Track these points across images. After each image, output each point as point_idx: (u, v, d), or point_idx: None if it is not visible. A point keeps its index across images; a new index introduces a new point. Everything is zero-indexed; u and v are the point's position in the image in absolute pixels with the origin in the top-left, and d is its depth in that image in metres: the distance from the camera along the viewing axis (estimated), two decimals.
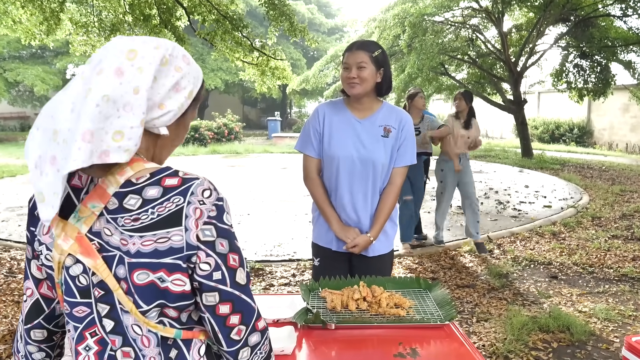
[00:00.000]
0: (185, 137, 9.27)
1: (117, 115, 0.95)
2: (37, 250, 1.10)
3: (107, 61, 0.97)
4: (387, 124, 2.42)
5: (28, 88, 26.92)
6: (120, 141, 0.95)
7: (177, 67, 1.06)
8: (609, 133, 21.23)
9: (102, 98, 0.93)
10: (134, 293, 1.00)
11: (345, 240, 2.42)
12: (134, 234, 0.98)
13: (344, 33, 37.47)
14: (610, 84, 12.72)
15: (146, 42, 1.02)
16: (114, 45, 1.01)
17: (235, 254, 1.05)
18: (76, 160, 0.91)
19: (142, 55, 0.99)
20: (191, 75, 1.10)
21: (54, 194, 0.93)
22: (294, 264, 5.48)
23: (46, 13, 7.81)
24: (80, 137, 0.91)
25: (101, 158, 0.93)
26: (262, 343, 1.12)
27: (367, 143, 2.40)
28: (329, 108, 2.47)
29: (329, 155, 2.42)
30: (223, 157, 17.39)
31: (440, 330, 1.89)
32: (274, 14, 8.10)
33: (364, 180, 2.41)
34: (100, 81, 0.95)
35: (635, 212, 7.85)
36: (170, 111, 1.05)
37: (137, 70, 0.98)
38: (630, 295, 4.51)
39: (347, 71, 2.35)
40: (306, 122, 2.53)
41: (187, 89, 1.08)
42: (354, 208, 2.44)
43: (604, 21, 12.10)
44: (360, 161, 2.39)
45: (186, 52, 1.11)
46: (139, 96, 0.97)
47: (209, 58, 26.60)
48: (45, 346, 1.21)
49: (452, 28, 13.55)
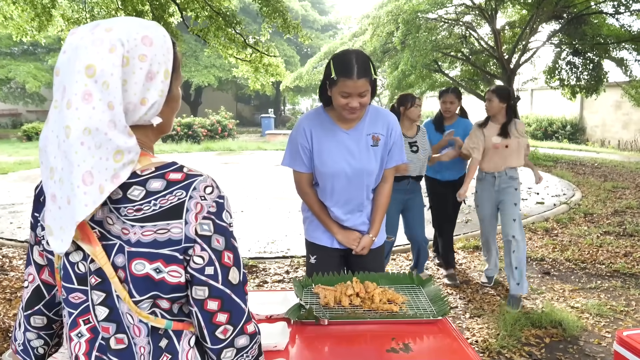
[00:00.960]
0: (179, 135, 9.19)
1: (107, 138, 0.94)
2: (40, 235, 1.13)
3: (71, 88, 0.93)
4: (374, 132, 2.36)
5: (20, 85, 26.70)
6: (122, 159, 0.96)
7: (140, 57, 1.00)
8: (602, 130, 21.33)
9: (84, 132, 0.92)
10: (129, 282, 1.01)
11: (352, 247, 2.47)
12: (136, 223, 1.00)
13: (338, 30, 37.44)
14: (602, 81, 12.78)
15: (95, 43, 0.95)
16: (70, 59, 0.95)
17: (230, 252, 1.06)
18: (87, 204, 0.92)
19: (102, 69, 0.94)
20: (159, 54, 1.03)
21: (60, 228, 0.95)
22: (288, 261, 5.48)
23: (38, 9, 7.75)
24: (82, 181, 0.92)
25: (114, 182, 0.95)
26: (250, 347, 1.11)
27: (357, 155, 2.35)
28: (313, 122, 2.38)
29: (321, 172, 2.38)
30: (216, 155, 17.35)
31: (433, 325, 1.89)
32: (267, 10, 8.08)
33: (359, 190, 2.41)
34: (72, 116, 0.92)
35: (627, 209, 7.90)
36: (153, 103, 1.03)
37: (102, 86, 0.94)
38: (622, 291, 4.53)
39: (346, 99, 2.16)
40: (291, 137, 2.43)
41: (160, 71, 1.03)
42: (351, 216, 2.46)
43: (597, 18, 12.15)
44: (354, 173, 2.36)
45: (144, 30, 1.02)
46: (116, 110, 0.95)
47: (202, 55, 26.49)
48: (44, 333, 1.22)
49: (446, 25, 13.56)
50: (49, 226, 0.97)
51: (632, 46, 11.80)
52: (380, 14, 13.59)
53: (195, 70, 29.06)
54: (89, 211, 0.92)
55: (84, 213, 0.92)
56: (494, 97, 4.20)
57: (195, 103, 32.87)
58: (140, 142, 1.07)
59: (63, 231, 0.95)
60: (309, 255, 2.60)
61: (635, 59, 12.19)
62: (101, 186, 0.93)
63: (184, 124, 20.92)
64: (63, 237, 0.95)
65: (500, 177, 4.23)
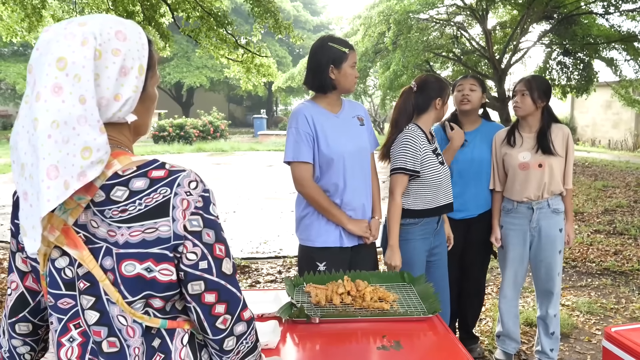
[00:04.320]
0: (171, 136, 9.13)
1: (75, 133, 0.91)
2: (22, 242, 1.10)
3: (41, 81, 0.91)
4: (357, 114, 2.60)
5: (10, 86, 26.54)
6: (90, 157, 0.93)
7: (114, 51, 0.98)
8: (592, 130, 21.47)
9: (52, 125, 0.89)
10: (120, 284, 1.00)
11: (364, 235, 2.52)
12: (122, 225, 0.99)
13: (330, 30, 37.44)
14: (592, 81, 12.84)
15: (68, 37, 0.94)
16: (42, 54, 0.94)
17: (221, 244, 1.06)
18: (50, 200, 0.89)
19: (73, 61, 0.92)
20: (133, 50, 1.02)
21: (33, 227, 0.92)
22: (280, 261, 5.48)
23: (27, 10, 7.70)
24: (46, 175, 0.88)
25: (80, 180, 0.92)
26: (248, 333, 1.13)
27: (354, 134, 2.52)
28: (310, 109, 2.47)
29: (329, 156, 2.41)
30: (209, 155, 17.31)
31: (423, 323, 1.90)
32: (258, 10, 8.06)
33: (362, 168, 2.53)
34: (41, 108, 0.89)
35: (617, 207, 7.96)
36: (127, 99, 1.02)
37: (74, 79, 0.92)
38: (612, 289, 4.57)
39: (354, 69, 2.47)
40: (290, 130, 2.45)
41: (134, 67, 1.02)
42: (359, 197, 2.53)
43: (587, 19, 12.21)
44: (357, 151, 2.51)
45: (118, 25, 1.01)
46: (88, 105, 0.93)
47: (194, 55, 26.42)
48: (30, 340, 1.20)
49: (437, 25, 13.59)
50: (22, 226, 0.94)
51: (622, 46, 11.87)
52: (372, 15, 13.60)
53: (187, 71, 28.99)
54: (52, 206, 0.89)
55: (46, 208, 0.88)
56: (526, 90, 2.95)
57: (187, 104, 32.78)
58: (117, 141, 1.07)
59: (35, 230, 0.92)
60: (314, 263, 2.47)
61: (625, 59, 12.25)
62: (66, 182, 0.90)
63: (176, 124, 20.85)
64: (35, 236, 0.92)
65: (535, 210, 2.99)
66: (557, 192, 2.96)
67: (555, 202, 2.97)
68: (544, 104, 2.94)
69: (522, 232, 3.02)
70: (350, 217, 2.48)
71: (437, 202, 2.68)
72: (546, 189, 2.93)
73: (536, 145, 2.93)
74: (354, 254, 2.55)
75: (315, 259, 2.48)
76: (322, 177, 2.46)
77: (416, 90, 2.73)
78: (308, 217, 2.50)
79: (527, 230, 3.01)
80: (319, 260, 2.47)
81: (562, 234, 2.98)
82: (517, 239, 3.04)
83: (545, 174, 2.91)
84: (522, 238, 3.03)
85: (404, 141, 2.60)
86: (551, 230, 2.96)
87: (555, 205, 2.97)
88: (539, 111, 2.96)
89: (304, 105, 2.51)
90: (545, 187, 2.92)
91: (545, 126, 2.94)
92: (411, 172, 2.58)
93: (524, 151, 2.95)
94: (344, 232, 2.48)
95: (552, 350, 3.07)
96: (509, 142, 3.02)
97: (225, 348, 1.10)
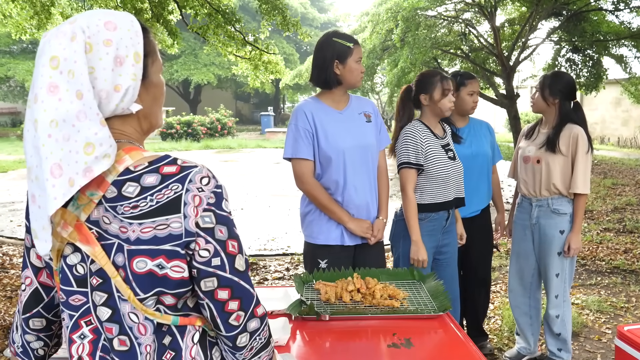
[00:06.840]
0: (178, 133, 9.10)
1: (75, 130, 0.92)
2: None
3: (37, 82, 0.92)
4: (364, 110, 2.55)
5: (19, 83, 26.69)
6: (94, 152, 0.93)
7: (105, 42, 0.98)
8: (601, 127, 21.33)
9: (51, 125, 0.90)
10: (132, 281, 1.00)
11: (365, 235, 2.47)
12: (134, 221, 0.98)
13: (337, 27, 37.40)
14: (602, 78, 12.75)
15: (58, 36, 0.95)
16: (38, 56, 0.95)
17: (234, 240, 1.06)
18: (57, 197, 0.90)
19: (64, 58, 0.93)
20: (125, 38, 1.01)
21: (43, 228, 0.93)
22: (288, 258, 5.48)
23: (37, 7, 7.73)
24: (50, 174, 0.90)
25: (87, 176, 0.93)
26: (262, 329, 1.12)
27: (358, 131, 2.47)
28: (311, 106, 2.46)
29: (328, 152, 2.40)
30: (216, 153, 17.35)
31: (434, 321, 1.89)
32: (266, 7, 8.06)
33: (366, 165, 2.48)
34: (39, 109, 0.90)
35: (626, 205, 7.90)
36: (127, 88, 1.02)
37: (68, 76, 0.92)
38: (622, 287, 4.54)
39: (359, 64, 2.44)
40: (290, 126, 2.46)
41: (129, 55, 1.01)
42: (363, 195, 2.48)
43: (596, 15, 12.12)
44: (361, 148, 2.45)
45: (107, 16, 1.01)
46: (85, 99, 0.94)
47: (202, 52, 26.46)
48: (43, 335, 1.21)
49: (445, 22, 13.54)
50: (33, 229, 0.94)
51: (632, 43, 11.78)
52: (380, 11, 13.57)
53: (194, 69, 29.02)
54: (58, 204, 0.90)
55: (53, 206, 0.90)
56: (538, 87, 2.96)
57: (194, 101, 32.84)
58: (125, 135, 1.06)
59: (45, 231, 0.93)
60: (316, 260, 2.49)
61: (635, 56, 12.17)
62: (71, 179, 0.91)
63: (184, 122, 20.91)
64: (46, 237, 0.93)
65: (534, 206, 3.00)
66: (556, 191, 2.90)
67: (558, 202, 2.91)
68: (556, 102, 2.90)
69: (524, 227, 3.06)
70: (353, 216, 2.46)
71: (446, 197, 2.68)
72: (542, 186, 2.91)
73: (545, 141, 2.91)
74: (359, 252, 2.53)
75: (317, 256, 2.50)
76: (323, 174, 2.45)
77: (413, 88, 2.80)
78: (311, 214, 2.51)
79: (528, 225, 3.03)
80: (320, 258, 2.49)
81: (562, 236, 2.90)
82: (519, 233, 3.10)
83: (542, 170, 2.89)
84: (523, 233, 3.06)
85: (405, 136, 2.68)
86: (549, 230, 2.92)
87: (556, 205, 2.91)
88: (552, 108, 2.92)
89: (306, 102, 2.50)
90: (541, 183, 2.91)
91: (557, 124, 2.90)
92: (416, 165, 2.62)
93: (532, 145, 2.98)
94: (346, 231, 2.47)
95: (561, 350, 3.02)
96: (527, 135, 3.09)
97: (239, 344, 1.09)
